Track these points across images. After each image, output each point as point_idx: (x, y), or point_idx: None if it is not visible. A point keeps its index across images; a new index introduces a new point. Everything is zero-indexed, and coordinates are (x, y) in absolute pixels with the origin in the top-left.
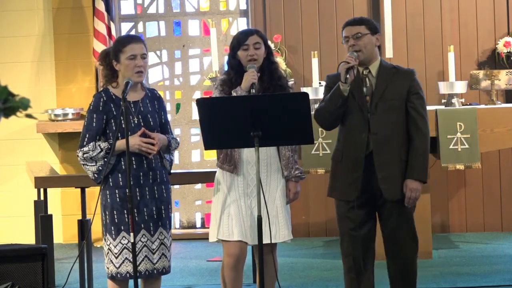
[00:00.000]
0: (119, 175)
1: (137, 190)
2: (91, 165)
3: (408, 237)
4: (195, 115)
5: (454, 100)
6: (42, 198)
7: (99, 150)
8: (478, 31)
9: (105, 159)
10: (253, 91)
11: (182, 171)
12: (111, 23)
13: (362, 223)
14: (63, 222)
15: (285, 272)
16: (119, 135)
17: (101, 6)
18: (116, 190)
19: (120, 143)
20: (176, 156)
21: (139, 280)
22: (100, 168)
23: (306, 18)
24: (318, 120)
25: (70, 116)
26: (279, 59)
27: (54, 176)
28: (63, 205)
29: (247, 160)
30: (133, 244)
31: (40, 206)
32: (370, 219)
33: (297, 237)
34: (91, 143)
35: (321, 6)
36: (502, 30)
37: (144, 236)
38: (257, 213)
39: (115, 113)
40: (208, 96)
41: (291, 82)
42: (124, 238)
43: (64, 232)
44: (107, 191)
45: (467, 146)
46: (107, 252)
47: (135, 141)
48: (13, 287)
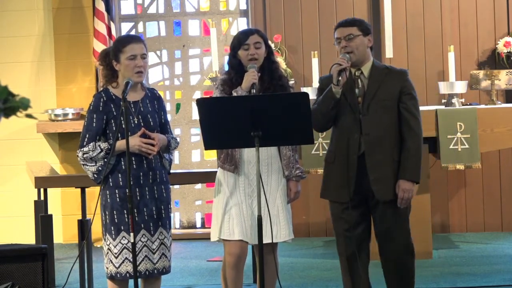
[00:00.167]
0: (119, 175)
1: (137, 190)
2: (91, 165)
3: (402, 237)
4: (195, 115)
5: (454, 100)
6: (42, 198)
7: (99, 151)
8: (478, 31)
9: (105, 160)
10: (254, 91)
11: (182, 171)
12: (111, 23)
13: (357, 224)
14: (63, 222)
15: (285, 272)
16: (119, 135)
17: (101, 6)
18: (116, 190)
19: (120, 144)
20: (176, 156)
21: (139, 280)
22: (100, 169)
23: (306, 18)
24: None
25: (70, 116)
26: (279, 59)
27: (54, 176)
28: (63, 205)
29: (248, 160)
30: (133, 244)
31: (40, 206)
32: (365, 220)
33: (297, 237)
34: (91, 143)
35: (321, 6)
36: (502, 30)
37: (144, 236)
38: (257, 213)
39: (115, 113)
40: (208, 96)
41: (292, 82)
42: (124, 238)
43: (64, 232)
44: (107, 191)
45: (467, 146)
46: (107, 252)
47: (135, 142)
48: (13, 287)
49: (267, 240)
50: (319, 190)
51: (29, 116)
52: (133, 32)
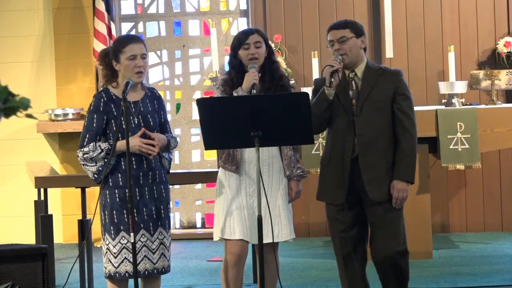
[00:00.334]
0: (119, 175)
1: (137, 190)
2: (91, 166)
3: (395, 237)
4: (195, 115)
5: (454, 100)
6: (42, 198)
7: (100, 151)
8: (478, 31)
9: (105, 160)
10: (254, 92)
11: (182, 171)
12: (111, 23)
13: (352, 225)
14: (63, 222)
15: (286, 272)
16: (119, 136)
17: (101, 6)
18: (116, 190)
19: (121, 144)
20: (176, 156)
21: (139, 280)
22: (100, 169)
23: (306, 18)
24: None
25: (70, 116)
26: (280, 59)
27: (54, 176)
28: (63, 205)
29: (249, 160)
30: (133, 244)
31: (40, 206)
32: (360, 221)
33: (298, 237)
34: (91, 144)
35: (321, 6)
36: (502, 30)
37: (144, 236)
38: (258, 213)
39: (116, 114)
40: (208, 96)
41: (292, 82)
42: (124, 238)
43: (64, 232)
44: (107, 191)
45: (467, 146)
46: (106, 252)
47: (136, 142)
48: (13, 287)
49: (268, 240)
50: None
51: (29, 116)
52: (133, 32)
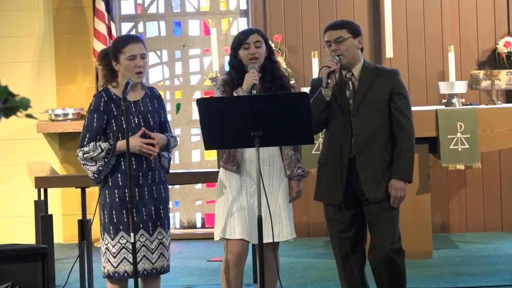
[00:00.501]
0: (119, 175)
1: (136, 190)
2: (91, 165)
3: (391, 236)
4: (196, 115)
5: (455, 100)
6: (42, 198)
7: (100, 151)
8: (479, 31)
9: (105, 159)
10: (254, 92)
11: (183, 171)
12: (112, 23)
13: (350, 225)
14: (63, 222)
15: (286, 272)
16: (120, 135)
17: (101, 6)
18: (115, 190)
19: (121, 144)
20: (177, 156)
21: (139, 280)
22: (100, 168)
23: (306, 18)
24: None
25: (70, 116)
26: (280, 59)
27: (54, 176)
28: (63, 205)
29: (250, 160)
30: (133, 244)
31: (40, 206)
32: (359, 221)
33: (298, 237)
34: (92, 143)
35: (321, 6)
36: (502, 30)
37: (143, 236)
38: (258, 213)
39: (116, 113)
40: (209, 96)
41: (292, 82)
42: (123, 238)
43: (64, 232)
44: (106, 191)
45: (467, 146)
46: (105, 252)
47: (136, 142)
48: (13, 287)
49: (269, 240)
50: None
51: (29, 116)
52: (133, 32)
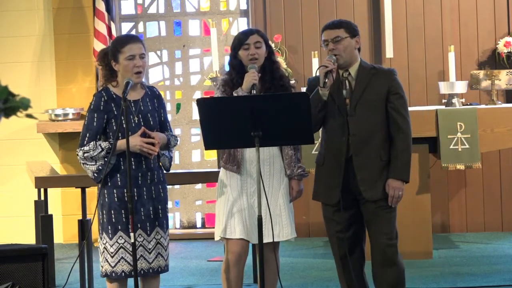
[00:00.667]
0: (118, 175)
1: (135, 190)
2: (91, 165)
3: (388, 233)
4: (196, 115)
5: (455, 100)
6: (43, 198)
7: (100, 150)
8: (479, 31)
9: (105, 159)
10: (254, 92)
11: (183, 171)
12: (112, 23)
13: (349, 225)
14: (63, 222)
15: (286, 272)
16: (119, 135)
17: (102, 6)
18: (114, 190)
19: (121, 143)
20: (177, 156)
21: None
22: (100, 168)
23: (306, 18)
24: None
25: (71, 116)
26: (280, 59)
27: (55, 176)
28: (64, 205)
29: (250, 160)
30: (133, 244)
31: (41, 206)
32: (357, 221)
33: (298, 237)
34: (92, 143)
35: (321, 6)
36: (503, 30)
37: (141, 236)
38: (258, 213)
39: (116, 113)
40: (209, 96)
41: (292, 82)
42: (121, 238)
43: (65, 232)
44: (105, 191)
45: (468, 146)
46: (103, 251)
47: (136, 142)
48: (14, 287)
49: (269, 239)
50: None
51: (29, 116)
52: (134, 32)
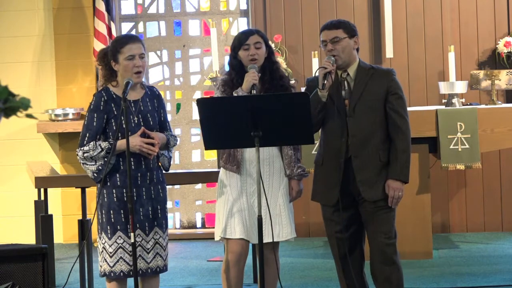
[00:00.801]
0: (117, 175)
1: (134, 190)
2: (91, 164)
3: (387, 232)
4: (196, 115)
5: (455, 100)
6: (43, 198)
7: (100, 150)
8: (479, 31)
9: (105, 159)
10: (254, 92)
11: (183, 171)
12: (112, 23)
13: (348, 226)
14: (64, 222)
15: (286, 272)
16: (119, 135)
17: (102, 6)
18: (114, 190)
19: (121, 143)
20: (177, 156)
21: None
22: (100, 168)
23: (306, 18)
24: None
25: (71, 116)
26: (280, 59)
27: (55, 176)
28: (64, 205)
29: (250, 160)
30: (133, 244)
31: (41, 206)
32: (356, 221)
33: (298, 237)
34: (91, 143)
35: (321, 6)
36: (503, 30)
37: (139, 236)
38: (258, 213)
39: (116, 113)
40: (209, 96)
41: (292, 82)
42: (120, 238)
43: (65, 232)
44: (105, 191)
45: (468, 146)
46: (102, 251)
47: (136, 142)
48: (14, 287)
49: (269, 239)
50: None
51: (30, 116)
52: (134, 32)
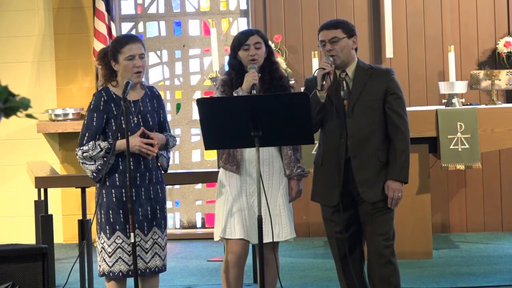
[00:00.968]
0: (116, 175)
1: (133, 190)
2: (90, 164)
3: (385, 233)
4: (196, 115)
5: (455, 100)
6: (43, 198)
7: (99, 150)
8: (479, 31)
9: (105, 159)
10: (254, 92)
11: (183, 171)
12: (112, 23)
13: (348, 226)
14: (64, 222)
15: (286, 272)
16: (119, 135)
17: (102, 6)
18: (113, 190)
19: (120, 143)
20: (177, 156)
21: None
22: (99, 168)
23: (306, 18)
24: None
25: (71, 116)
26: (280, 59)
27: (55, 176)
28: (64, 205)
29: (250, 160)
30: (133, 244)
31: (41, 206)
32: (356, 222)
33: (298, 237)
34: (91, 142)
35: (321, 6)
36: (503, 30)
37: (138, 236)
38: (258, 213)
39: (115, 113)
40: (209, 96)
41: (292, 82)
42: (119, 238)
43: (65, 232)
44: (104, 191)
45: (468, 146)
46: (100, 251)
47: (136, 142)
48: (14, 287)
49: (268, 240)
50: None
51: (30, 116)
52: (134, 32)
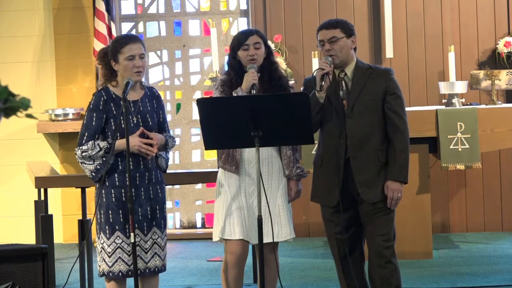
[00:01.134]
0: (116, 175)
1: (133, 191)
2: (89, 164)
3: (385, 234)
4: (196, 115)
5: (455, 100)
6: (43, 198)
7: (98, 149)
8: (479, 31)
9: (104, 158)
10: (254, 92)
11: (183, 171)
12: (112, 23)
13: (348, 226)
14: (64, 222)
15: (286, 272)
16: (118, 135)
17: (102, 6)
18: (112, 190)
19: (120, 143)
20: (177, 156)
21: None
22: (98, 167)
23: (306, 18)
24: None
25: (71, 116)
26: (280, 59)
27: (55, 176)
28: (64, 205)
29: (249, 160)
30: (133, 244)
31: (41, 206)
32: (356, 222)
33: (298, 237)
34: (90, 142)
35: (321, 6)
36: (503, 30)
37: (137, 236)
38: (258, 213)
39: (115, 113)
40: (209, 96)
41: (292, 82)
42: (118, 238)
43: (65, 232)
44: (103, 191)
45: (468, 146)
46: (100, 251)
47: (135, 142)
48: (14, 287)
49: (268, 240)
50: None
51: (30, 116)
52: (134, 32)
